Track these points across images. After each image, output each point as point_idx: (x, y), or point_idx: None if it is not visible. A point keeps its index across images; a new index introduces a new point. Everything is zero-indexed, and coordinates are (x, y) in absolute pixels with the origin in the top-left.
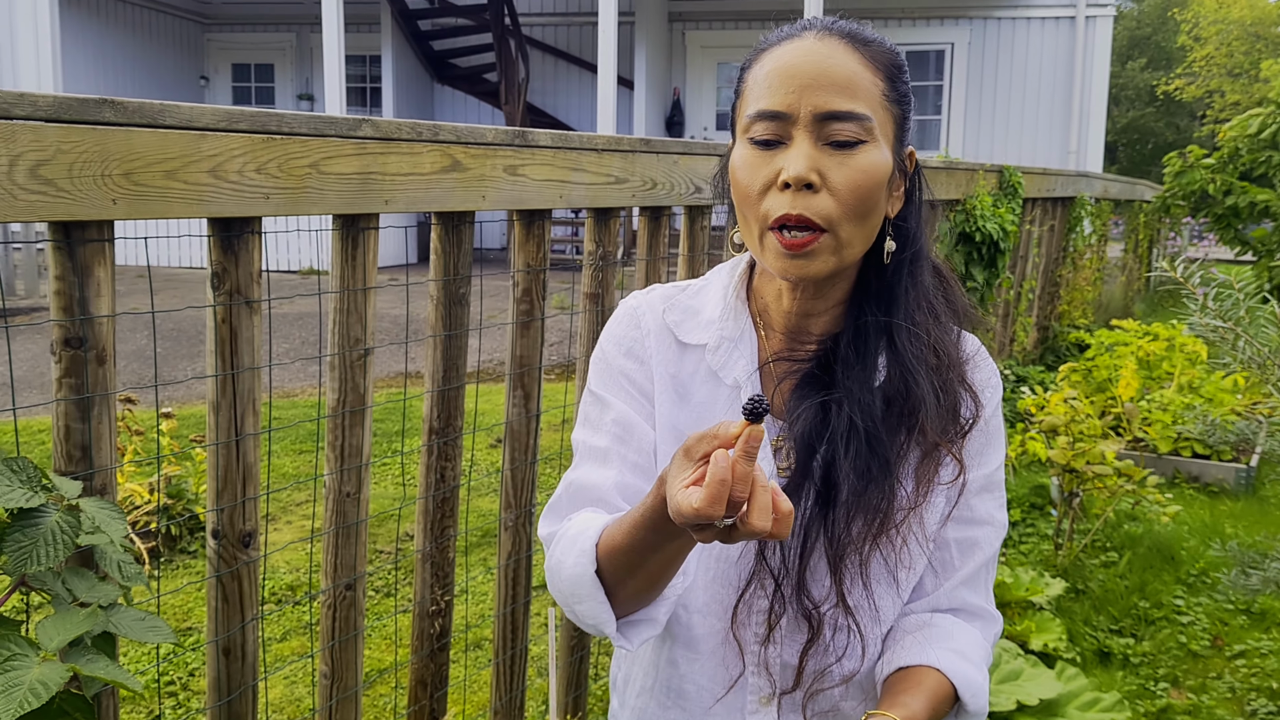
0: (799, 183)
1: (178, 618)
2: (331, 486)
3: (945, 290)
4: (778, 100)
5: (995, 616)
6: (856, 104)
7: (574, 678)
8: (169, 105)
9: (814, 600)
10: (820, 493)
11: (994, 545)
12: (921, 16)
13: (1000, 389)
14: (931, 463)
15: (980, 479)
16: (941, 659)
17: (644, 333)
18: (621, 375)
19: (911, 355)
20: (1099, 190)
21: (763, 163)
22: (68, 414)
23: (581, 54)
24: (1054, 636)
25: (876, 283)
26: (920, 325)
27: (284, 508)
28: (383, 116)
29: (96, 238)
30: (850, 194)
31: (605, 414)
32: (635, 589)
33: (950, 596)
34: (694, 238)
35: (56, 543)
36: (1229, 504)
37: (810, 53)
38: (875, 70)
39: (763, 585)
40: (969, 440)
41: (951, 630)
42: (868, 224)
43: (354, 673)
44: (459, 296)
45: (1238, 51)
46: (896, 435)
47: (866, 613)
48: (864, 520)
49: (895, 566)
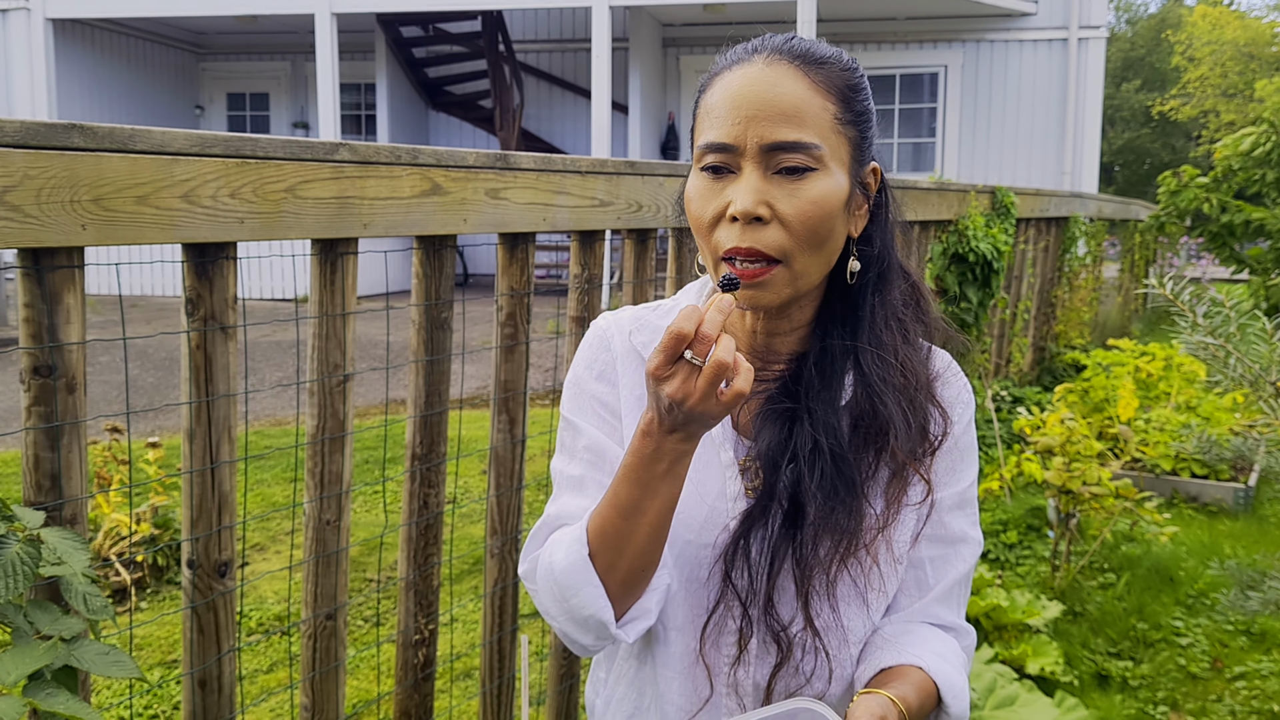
0: (746, 217)
1: (163, 650)
2: (311, 514)
3: (917, 305)
4: (724, 132)
5: (968, 630)
6: (804, 133)
7: (563, 707)
8: (140, 130)
9: (782, 622)
10: (787, 514)
11: (968, 562)
12: (915, 40)
13: (972, 405)
14: (900, 482)
15: (953, 496)
16: (923, 658)
17: (614, 355)
18: (593, 399)
19: (877, 376)
20: (1093, 210)
21: (713, 194)
22: (37, 443)
23: (576, 80)
24: (1051, 660)
25: (841, 304)
26: (887, 346)
27: (273, 537)
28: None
29: (66, 264)
30: (801, 225)
31: (578, 440)
32: (627, 570)
33: (924, 612)
34: (681, 260)
35: (17, 574)
36: (1228, 524)
37: (757, 81)
38: (826, 94)
39: (729, 608)
40: (939, 458)
41: (928, 636)
42: (824, 251)
43: (335, 704)
44: (441, 321)
45: (1232, 72)
46: (864, 455)
47: (835, 634)
48: (831, 541)
49: (865, 588)
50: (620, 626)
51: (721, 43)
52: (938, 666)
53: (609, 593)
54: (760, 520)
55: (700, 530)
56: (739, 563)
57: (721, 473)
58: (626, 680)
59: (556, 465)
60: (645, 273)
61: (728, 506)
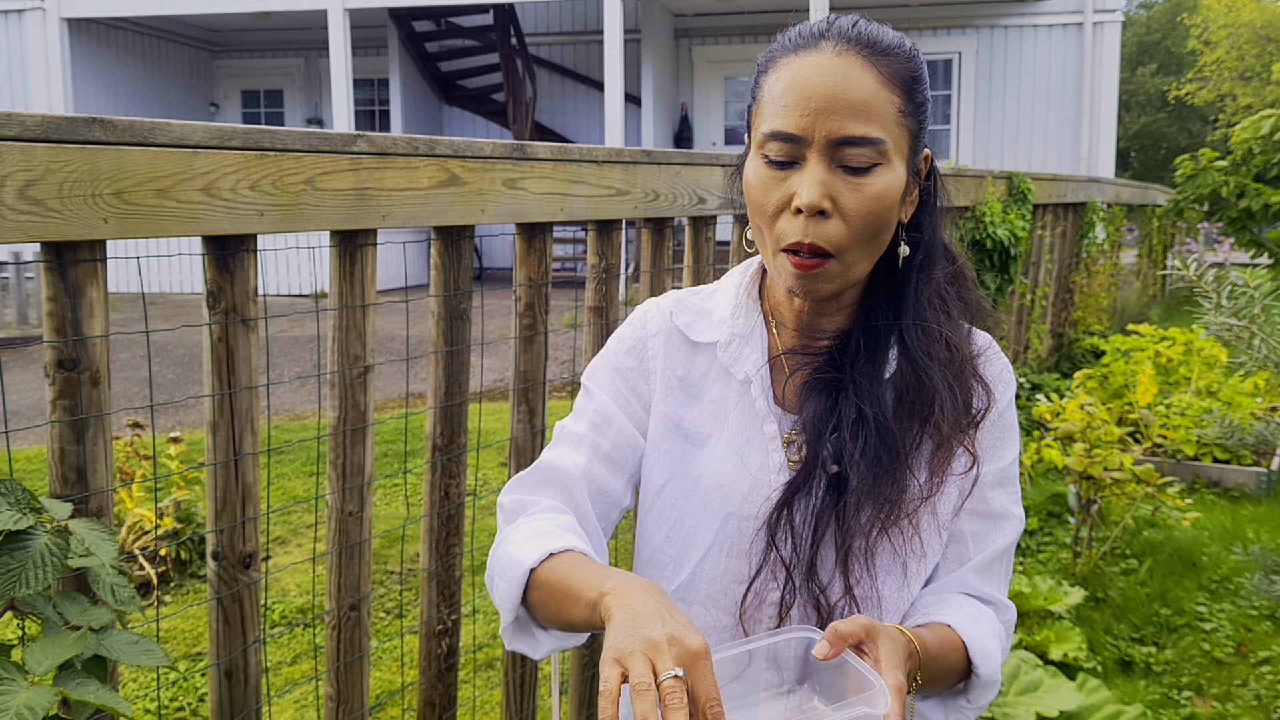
0: (811, 210)
1: (187, 643)
2: (334, 506)
3: (959, 285)
4: (792, 123)
5: (1008, 605)
6: (871, 128)
7: (585, 696)
8: (160, 123)
9: (823, 589)
10: (831, 482)
11: (1009, 538)
12: (929, 26)
13: (1013, 385)
14: (945, 454)
15: (995, 472)
16: (951, 618)
17: (649, 333)
18: (615, 371)
19: (922, 350)
20: (1110, 195)
21: (775, 183)
22: (62, 436)
23: (589, 72)
24: (1074, 646)
25: (888, 284)
26: (931, 322)
27: (294, 530)
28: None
29: (88, 258)
30: (861, 220)
31: (589, 404)
32: (550, 624)
33: (961, 583)
34: (699, 249)
35: (45, 565)
36: (1250, 508)
37: (827, 72)
38: (892, 87)
39: (774, 575)
40: (982, 433)
41: (963, 604)
42: (877, 242)
43: (360, 695)
44: (460, 312)
45: (1249, 54)
46: (909, 427)
47: (872, 603)
48: (873, 509)
49: (905, 556)
50: (519, 627)
51: (733, 33)
52: (966, 626)
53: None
54: (804, 489)
55: (743, 503)
56: (783, 530)
57: (764, 446)
58: None
59: (563, 422)
60: (662, 262)
61: (770, 479)
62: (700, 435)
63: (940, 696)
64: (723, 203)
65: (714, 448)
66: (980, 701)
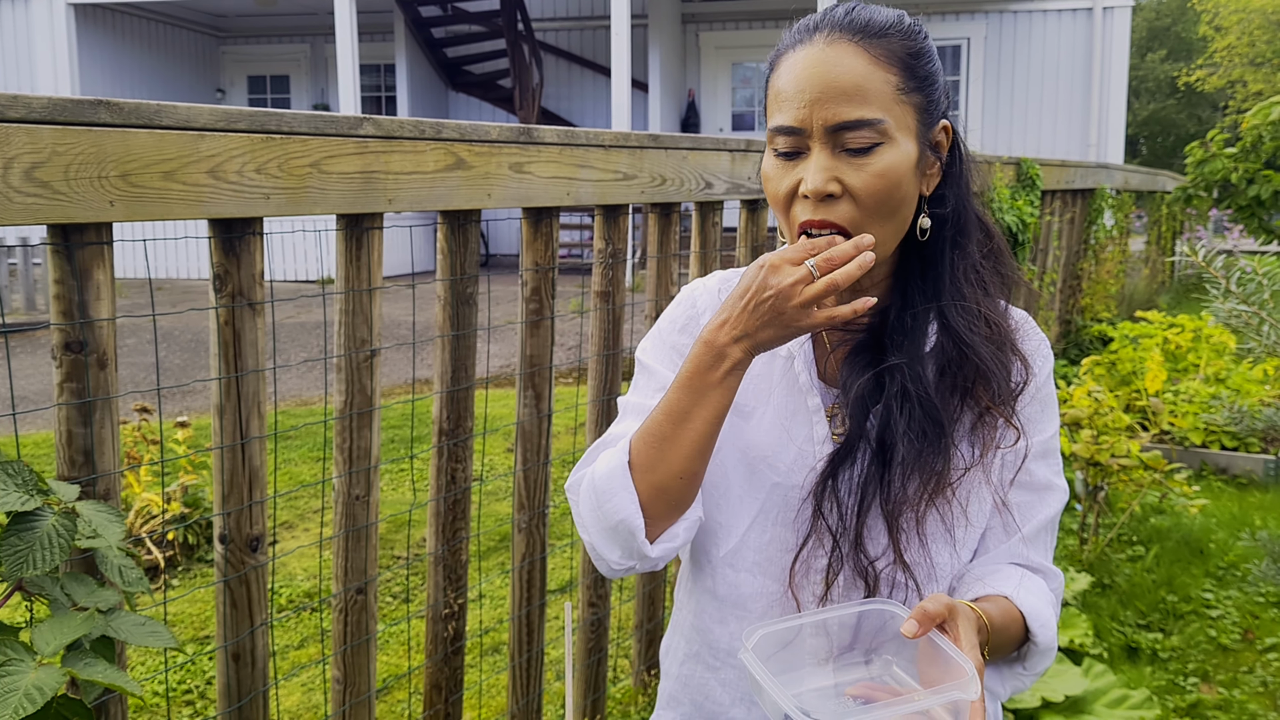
0: (817, 195)
1: (195, 626)
2: (340, 489)
3: (996, 260)
4: (791, 116)
5: (1056, 573)
6: (866, 109)
7: (592, 680)
8: (165, 106)
9: (870, 557)
10: (875, 454)
11: (1054, 508)
12: (937, 11)
13: (1050, 359)
14: (987, 426)
15: (1038, 445)
16: (1008, 589)
17: (699, 311)
18: (672, 349)
19: (962, 325)
20: (1119, 182)
21: (785, 173)
22: (69, 418)
23: (595, 58)
24: (1080, 632)
25: (919, 258)
26: (968, 297)
27: (301, 515)
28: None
29: (95, 240)
30: (870, 198)
31: (651, 380)
32: (664, 476)
33: (1011, 553)
34: (705, 234)
35: (53, 546)
36: (1258, 495)
37: (817, 62)
38: (887, 66)
39: (821, 543)
40: (1023, 406)
41: (1015, 574)
42: (895, 218)
43: (366, 677)
44: (466, 297)
45: (1259, 40)
46: (951, 400)
47: (923, 569)
48: (920, 480)
49: (952, 525)
50: (650, 543)
51: (740, 18)
52: (1023, 598)
53: (642, 503)
54: (847, 461)
55: (788, 472)
56: (829, 500)
57: (809, 418)
58: (688, 626)
59: (625, 398)
60: (669, 247)
61: (815, 449)
62: (746, 407)
63: (997, 665)
64: (730, 188)
65: (760, 420)
66: (1037, 668)
